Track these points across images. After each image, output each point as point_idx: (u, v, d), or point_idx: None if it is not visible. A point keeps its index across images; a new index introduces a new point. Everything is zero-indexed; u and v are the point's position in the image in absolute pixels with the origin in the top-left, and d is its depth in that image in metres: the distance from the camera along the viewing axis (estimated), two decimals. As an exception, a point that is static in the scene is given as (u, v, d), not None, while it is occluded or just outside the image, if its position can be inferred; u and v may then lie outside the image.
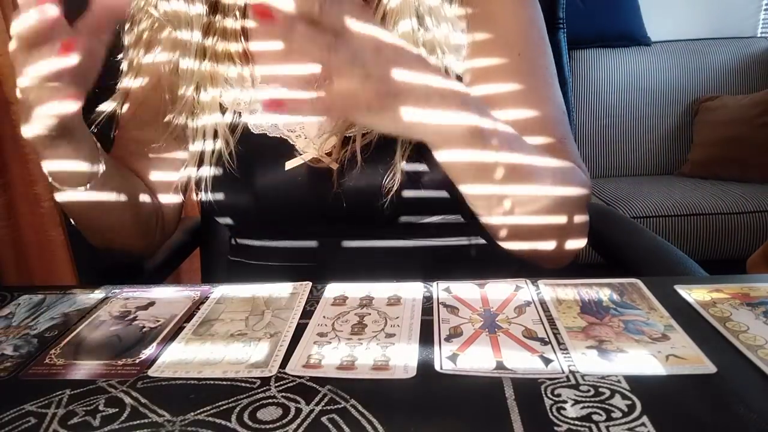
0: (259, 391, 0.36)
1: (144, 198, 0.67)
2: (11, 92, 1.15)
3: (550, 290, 0.48)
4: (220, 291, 0.51)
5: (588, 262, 1.67)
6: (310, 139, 0.63)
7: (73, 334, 0.44)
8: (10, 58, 0.47)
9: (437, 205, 0.64)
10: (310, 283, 0.51)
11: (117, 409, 0.35)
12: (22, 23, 0.44)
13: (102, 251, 0.68)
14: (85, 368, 0.39)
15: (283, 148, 0.63)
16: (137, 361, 0.40)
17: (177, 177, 0.68)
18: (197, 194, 0.67)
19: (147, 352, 0.41)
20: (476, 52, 0.62)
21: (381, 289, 0.49)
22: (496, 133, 0.49)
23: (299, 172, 0.62)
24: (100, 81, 0.61)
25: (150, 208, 0.68)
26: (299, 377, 0.37)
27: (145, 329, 0.45)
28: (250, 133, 0.64)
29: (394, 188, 0.60)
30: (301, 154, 0.62)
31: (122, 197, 0.62)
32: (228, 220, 0.69)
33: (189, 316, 0.46)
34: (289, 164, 0.62)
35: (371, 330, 0.42)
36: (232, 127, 0.64)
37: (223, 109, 0.65)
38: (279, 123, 0.64)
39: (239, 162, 0.63)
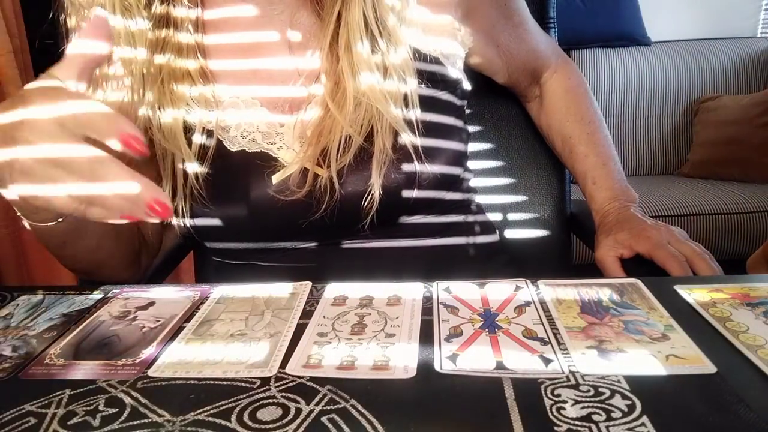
0: (259, 391, 0.36)
1: (124, 225, 0.64)
2: (11, 92, 1.15)
3: (550, 290, 0.48)
4: (220, 291, 0.51)
5: (587, 261, 1.66)
6: (293, 149, 0.61)
7: (72, 334, 0.44)
8: (8, 59, 0.47)
9: (421, 206, 0.64)
10: (310, 283, 0.51)
11: (117, 409, 0.35)
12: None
13: (86, 279, 0.65)
14: (84, 368, 0.39)
15: (263, 163, 0.61)
16: (137, 361, 0.40)
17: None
18: (177, 219, 0.63)
19: (147, 352, 0.41)
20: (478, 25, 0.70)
21: (381, 290, 0.49)
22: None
23: (284, 186, 0.60)
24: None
25: (131, 235, 0.65)
26: (299, 377, 0.37)
27: (144, 329, 0.44)
28: (227, 152, 0.62)
29: (374, 208, 0.59)
30: (284, 166, 0.60)
31: (99, 227, 0.58)
32: (216, 245, 0.66)
33: (189, 316, 0.46)
34: (276, 177, 0.60)
35: (371, 330, 0.42)
36: (204, 149, 0.62)
37: (191, 131, 0.62)
38: (257, 137, 0.62)
39: (220, 183, 0.61)
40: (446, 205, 0.68)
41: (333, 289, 0.50)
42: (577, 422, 0.31)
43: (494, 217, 0.85)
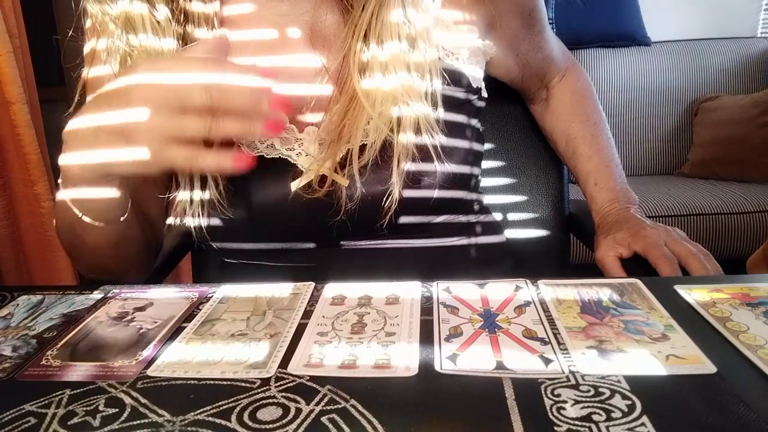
0: (259, 391, 0.36)
1: (147, 230, 0.64)
2: (11, 92, 1.15)
3: (550, 290, 0.48)
4: (223, 291, 0.51)
5: (586, 261, 1.66)
6: (311, 156, 0.61)
7: (69, 335, 0.44)
8: (8, 59, 0.46)
9: (438, 206, 0.64)
10: (313, 284, 0.51)
11: (117, 409, 0.35)
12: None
13: (91, 276, 0.65)
14: (80, 370, 0.39)
15: (281, 169, 0.61)
16: (133, 363, 0.40)
17: (166, 201, 0.65)
18: (193, 220, 0.64)
19: (143, 354, 0.41)
20: (499, 28, 0.69)
21: (379, 289, 0.49)
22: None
23: (302, 192, 0.60)
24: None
25: (150, 240, 0.66)
26: (299, 377, 0.37)
27: (142, 330, 0.44)
28: None
29: (393, 207, 0.59)
30: (304, 173, 0.60)
31: (135, 228, 0.60)
32: (224, 245, 0.67)
33: (186, 317, 0.46)
34: (294, 184, 0.60)
35: (371, 329, 0.42)
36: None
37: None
38: (276, 143, 0.62)
39: (238, 189, 0.61)
40: (465, 206, 0.69)
41: (331, 289, 0.50)
42: (577, 422, 0.31)
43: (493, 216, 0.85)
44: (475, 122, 0.69)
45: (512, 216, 0.88)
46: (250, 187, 0.62)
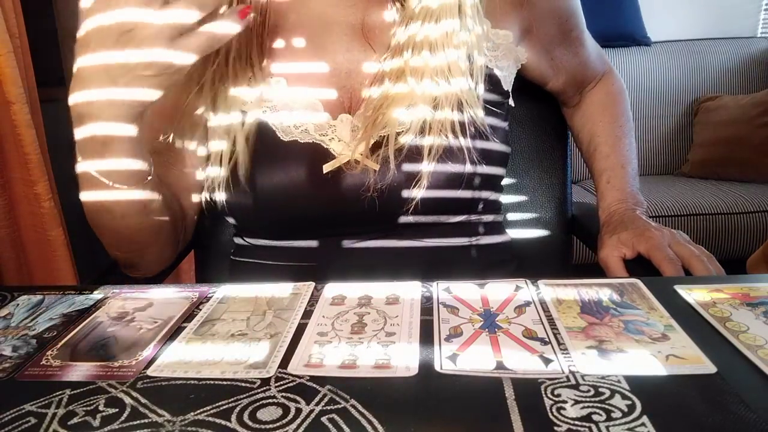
0: (259, 391, 0.36)
1: (173, 202, 0.65)
2: (11, 92, 1.15)
3: (550, 290, 0.48)
4: (223, 291, 0.51)
5: (587, 261, 1.67)
6: (345, 141, 0.62)
7: (70, 335, 0.44)
8: (8, 59, 0.47)
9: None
10: (313, 284, 0.51)
11: (117, 409, 0.35)
12: None
13: (124, 265, 0.65)
14: (80, 370, 0.39)
15: (314, 153, 0.62)
16: (133, 363, 0.40)
17: (199, 180, 0.67)
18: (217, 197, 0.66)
19: (143, 354, 0.41)
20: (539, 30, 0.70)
21: (379, 289, 0.49)
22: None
23: (331, 176, 0.61)
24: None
25: (177, 213, 0.66)
26: (299, 377, 0.37)
27: (142, 330, 0.44)
28: (280, 142, 0.62)
29: (421, 192, 0.60)
30: (335, 157, 0.61)
31: (163, 199, 0.61)
32: (247, 223, 0.68)
33: (187, 317, 0.46)
34: (327, 167, 0.61)
35: (371, 329, 0.42)
36: (257, 137, 0.63)
37: (244, 122, 0.63)
38: (310, 128, 0.63)
39: (270, 172, 0.62)
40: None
41: (331, 289, 0.50)
42: (577, 422, 0.31)
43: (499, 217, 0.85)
44: (505, 125, 0.70)
45: (514, 216, 0.88)
46: (283, 171, 0.63)
